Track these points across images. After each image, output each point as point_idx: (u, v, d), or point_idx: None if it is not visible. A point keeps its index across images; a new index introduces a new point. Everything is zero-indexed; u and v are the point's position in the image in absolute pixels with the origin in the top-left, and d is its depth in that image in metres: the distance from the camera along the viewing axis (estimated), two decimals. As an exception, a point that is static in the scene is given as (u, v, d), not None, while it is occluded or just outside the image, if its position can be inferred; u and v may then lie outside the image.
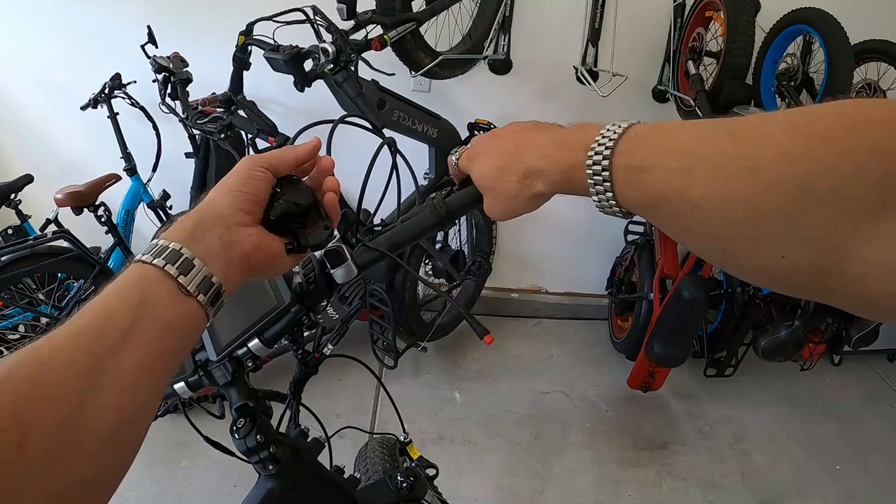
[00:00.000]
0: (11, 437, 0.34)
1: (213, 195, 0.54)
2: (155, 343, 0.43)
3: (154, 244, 0.48)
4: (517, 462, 2.25)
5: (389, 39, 1.87)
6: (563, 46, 2.42)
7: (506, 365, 2.77)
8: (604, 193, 0.48)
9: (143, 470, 2.07)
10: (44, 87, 2.78)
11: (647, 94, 2.48)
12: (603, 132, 0.48)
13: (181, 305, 0.46)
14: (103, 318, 0.42)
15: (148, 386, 0.43)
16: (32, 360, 0.38)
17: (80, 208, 2.18)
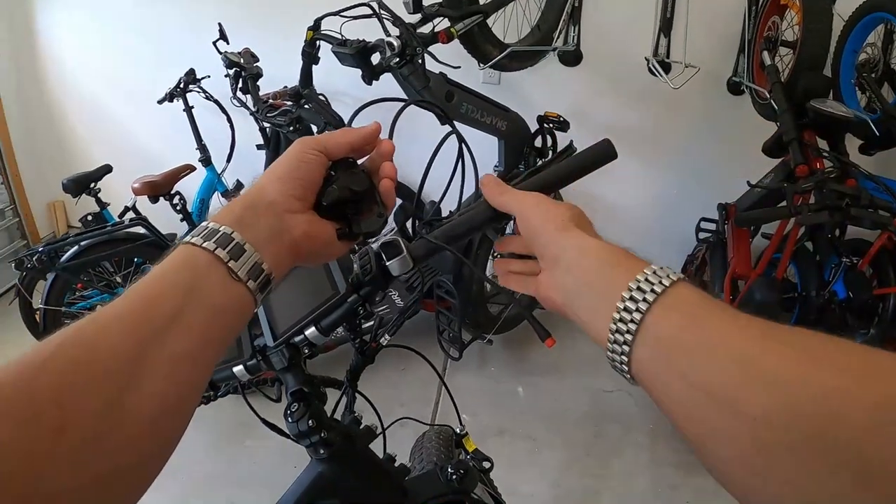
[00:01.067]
0: (52, 420, 0.34)
1: (264, 181, 0.54)
2: (203, 328, 0.44)
3: (204, 227, 0.48)
4: (575, 460, 2.28)
5: (456, 32, 1.93)
6: (634, 37, 2.43)
7: (571, 361, 2.78)
8: (620, 354, 0.46)
9: (208, 447, 2.22)
10: (122, 83, 3.00)
11: (722, 85, 2.46)
12: (633, 289, 0.45)
13: (231, 291, 0.46)
14: (152, 301, 0.42)
15: (194, 372, 0.43)
16: (77, 342, 0.38)
17: (156, 197, 2.36)
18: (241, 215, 0.50)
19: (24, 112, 3.25)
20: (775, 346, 0.39)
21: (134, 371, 0.38)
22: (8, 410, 0.33)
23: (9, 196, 3.25)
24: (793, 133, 1.85)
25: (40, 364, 0.36)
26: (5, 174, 3.22)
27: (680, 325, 0.42)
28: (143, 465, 0.39)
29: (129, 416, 0.37)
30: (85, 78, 3.14)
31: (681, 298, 0.44)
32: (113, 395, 0.37)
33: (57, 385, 0.35)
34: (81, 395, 0.35)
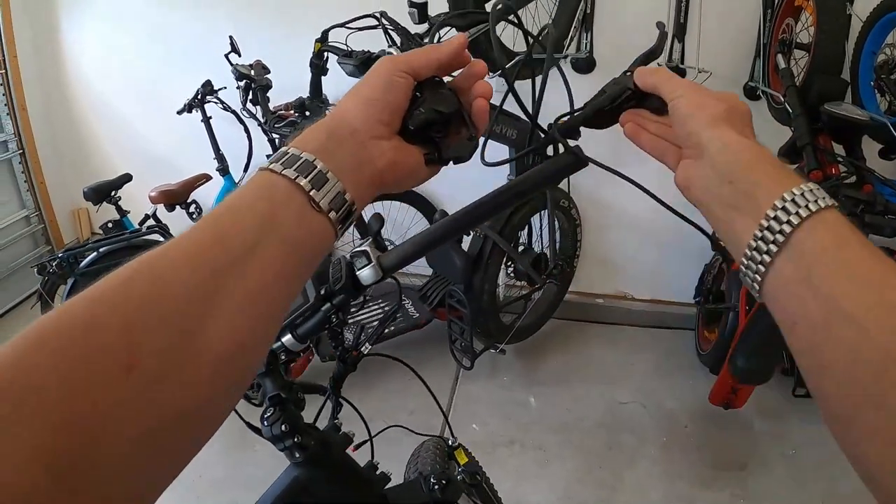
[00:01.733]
0: (121, 357, 0.33)
1: (348, 104, 0.52)
2: (280, 262, 0.42)
3: (284, 153, 0.46)
4: (586, 472, 2.28)
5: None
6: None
7: (585, 371, 2.80)
8: (759, 262, 0.45)
9: (218, 451, 2.28)
10: (143, 94, 3.12)
11: (739, 90, 2.44)
12: (796, 194, 0.44)
13: (311, 222, 0.45)
14: (225, 233, 0.41)
15: (269, 309, 0.42)
16: (149, 276, 0.37)
17: (173, 205, 2.44)
18: (324, 141, 0.48)
19: (49, 121, 3.39)
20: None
21: (206, 308, 0.37)
22: (74, 345, 0.32)
23: (34, 203, 3.39)
24: (806, 138, 1.85)
25: (109, 300, 0.35)
26: (30, 181, 3.36)
27: (825, 246, 0.42)
28: (211, 407, 0.39)
29: (201, 354, 0.37)
30: (107, 89, 3.26)
31: (829, 220, 0.43)
32: (184, 333, 0.36)
33: (126, 322, 0.34)
34: (152, 332, 0.35)
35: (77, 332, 0.33)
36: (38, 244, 3.46)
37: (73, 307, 0.34)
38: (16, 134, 3.28)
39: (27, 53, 3.24)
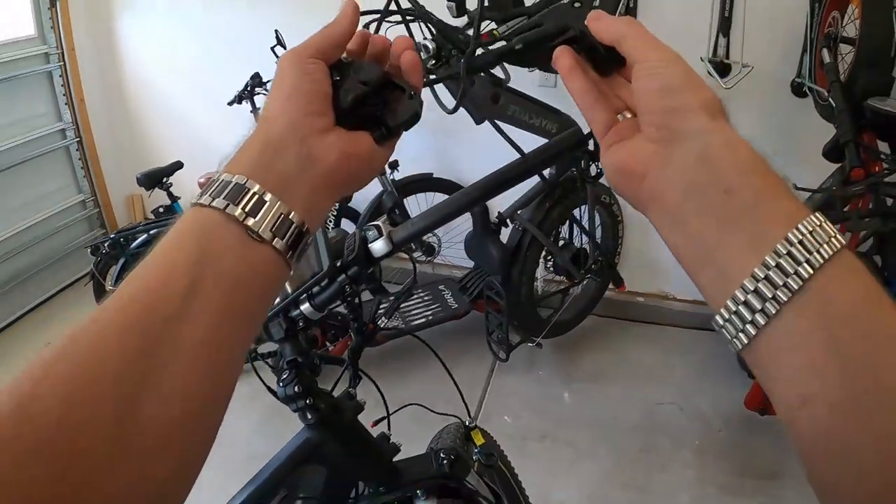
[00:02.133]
0: (60, 453, 0.31)
1: (271, 109, 0.47)
2: (222, 304, 0.39)
3: (214, 180, 0.43)
4: (617, 472, 2.36)
5: (499, 34, 2.08)
6: (693, 37, 2.50)
7: (623, 370, 2.87)
8: (754, 314, 0.36)
9: (255, 426, 2.44)
10: (195, 85, 3.36)
11: (786, 87, 2.48)
12: (815, 227, 0.36)
13: (252, 255, 0.41)
14: (157, 282, 0.38)
15: (219, 359, 0.39)
16: (78, 348, 0.34)
17: (221, 192, 2.63)
18: (257, 157, 0.44)
19: (105, 111, 3.67)
20: None
21: (146, 370, 0.35)
22: (4, 448, 0.30)
23: (89, 188, 3.67)
24: (849, 134, 1.89)
25: (30, 390, 0.32)
26: (87, 168, 3.64)
27: (854, 298, 0.35)
28: (175, 477, 0.36)
29: (148, 424, 0.34)
30: (160, 80, 3.52)
31: (851, 264, 0.36)
32: (125, 404, 0.33)
33: (58, 404, 0.32)
34: (87, 411, 0.32)
35: (6, 429, 0.31)
36: (92, 228, 3.75)
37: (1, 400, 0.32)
38: (74, 123, 3.57)
39: (84, 46, 3.52)
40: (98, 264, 2.89)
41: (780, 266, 0.35)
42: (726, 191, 0.38)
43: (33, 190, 3.43)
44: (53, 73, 3.46)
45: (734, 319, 0.37)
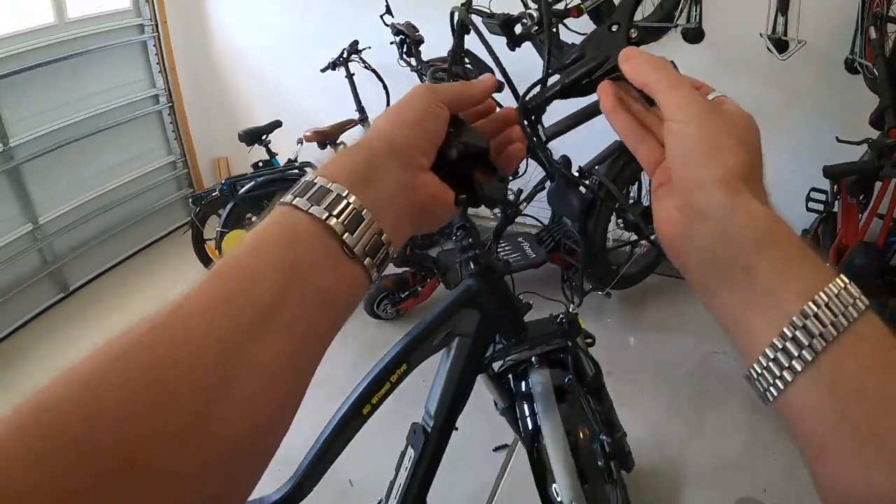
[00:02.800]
0: (117, 453, 0.30)
1: (385, 126, 0.50)
2: (305, 320, 0.40)
3: (311, 182, 0.44)
4: (674, 408, 2.80)
5: (585, 8, 2.56)
6: (754, 15, 2.93)
7: (682, 323, 3.27)
8: (781, 373, 0.40)
9: (351, 363, 2.87)
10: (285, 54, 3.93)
11: (840, 64, 2.90)
12: (840, 288, 0.39)
13: (342, 270, 0.42)
14: (243, 288, 0.38)
15: (293, 376, 0.39)
16: (151, 343, 0.34)
17: (324, 144, 3.14)
18: (364, 170, 0.45)
19: (196, 78, 4.25)
20: None
21: (220, 382, 0.35)
22: (58, 443, 0.30)
23: (179, 150, 4.23)
24: (888, 100, 2.33)
25: (101, 375, 0.32)
26: (177, 131, 4.20)
27: (865, 369, 0.38)
28: (232, 493, 0.37)
29: (214, 439, 0.34)
30: (249, 49, 4.08)
31: (868, 332, 0.39)
32: (193, 416, 0.33)
33: (123, 404, 0.32)
34: (156, 418, 0.32)
35: (69, 426, 0.30)
36: (181, 187, 4.34)
37: (63, 389, 0.32)
38: (166, 89, 4.14)
39: (175, 17, 4.09)
40: (198, 214, 3.42)
41: (797, 338, 0.38)
42: (746, 269, 0.42)
43: (129, 150, 4.02)
44: (147, 42, 4.04)
45: (759, 381, 0.41)
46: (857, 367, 0.38)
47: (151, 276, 4.00)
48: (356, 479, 2.49)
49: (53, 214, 3.70)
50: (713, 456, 2.59)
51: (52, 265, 3.72)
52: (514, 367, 1.77)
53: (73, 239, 3.84)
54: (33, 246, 3.62)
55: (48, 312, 3.75)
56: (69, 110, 3.69)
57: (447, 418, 1.48)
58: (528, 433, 1.75)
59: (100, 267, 3.98)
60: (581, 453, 1.66)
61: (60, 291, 3.82)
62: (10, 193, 3.48)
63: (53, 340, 3.50)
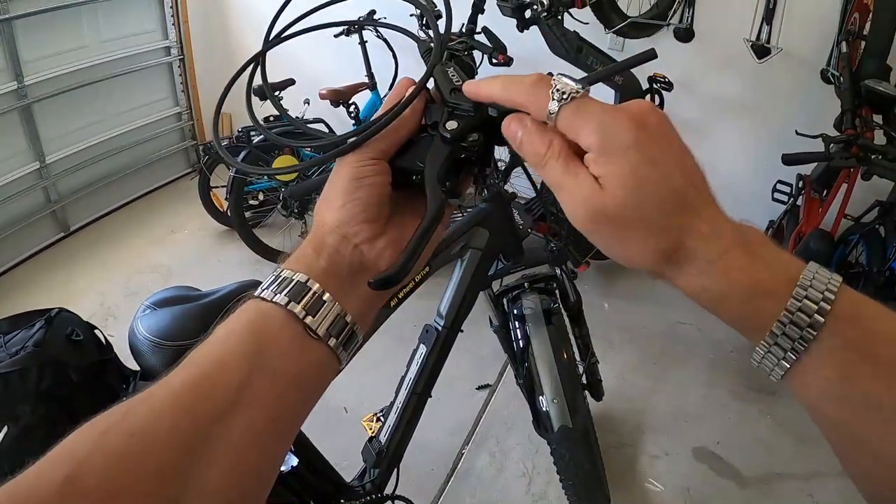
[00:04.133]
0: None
1: (324, 214, 0.55)
2: (274, 402, 0.44)
3: (276, 276, 0.49)
4: (641, 364, 3.32)
5: (588, 1, 3.07)
6: (743, 21, 3.42)
7: (653, 293, 3.79)
8: (787, 352, 0.43)
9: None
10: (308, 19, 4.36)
11: (816, 74, 3.40)
12: (815, 273, 0.44)
13: (308, 353, 0.47)
14: (212, 372, 0.43)
15: (264, 455, 0.44)
16: (125, 429, 0.39)
17: (338, 103, 3.60)
18: (314, 259, 0.51)
19: (207, 33, 4.70)
20: None
21: (192, 462, 0.39)
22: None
23: (186, 102, 4.65)
24: (847, 105, 2.86)
25: (83, 459, 0.37)
26: (185, 84, 4.63)
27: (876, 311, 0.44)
28: None
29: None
30: (264, 9, 4.49)
31: (858, 295, 0.44)
32: (170, 493, 0.38)
33: (102, 483, 0.36)
34: (131, 494, 0.37)
35: (44, 496, 0.35)
36: (185, 138, 4.78)
37: (45, 470, 0.37)
38: (178, 42, 4.55)
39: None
40: (206, 162, 3.87)
41: (796, 320, 0.43)
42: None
43: (137, 98, 4.44)
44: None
45: (772, 355, 0.45)
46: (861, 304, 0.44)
47: (150, 221, 4.42)
48: (350, 406, 2.92)
49: (60, 155, 4.07)
50: (673, 408, 3.10)
51: (54, 204, 4.10)
52: (509, 291, 2.25)
53: (77, 180, 4.23)
54: (38, 184, 3.99)
55: (49, 250, 4.14)
56: (84, 54, 4.07)
57: (455, 319, 1.90)
58: (519, 350, 2.22)
59: (100, 210, 4.40)
60: (564, 367, 2.11)
61: (61, 231, 4.21)
62: (20, 131, 3.83)
63: (53, 275, 3.88)
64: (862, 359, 0.42)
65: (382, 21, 3.56)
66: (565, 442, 2.02)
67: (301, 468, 1.77)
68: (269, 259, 3.85)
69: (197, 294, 1.83)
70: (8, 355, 1.35)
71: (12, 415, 1.29)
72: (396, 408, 1.87)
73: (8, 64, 3.66)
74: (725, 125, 3.79)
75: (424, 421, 1.91)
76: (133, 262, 4.03)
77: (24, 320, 1.50)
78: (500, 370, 3.23)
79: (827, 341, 0.42)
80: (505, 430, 2.93)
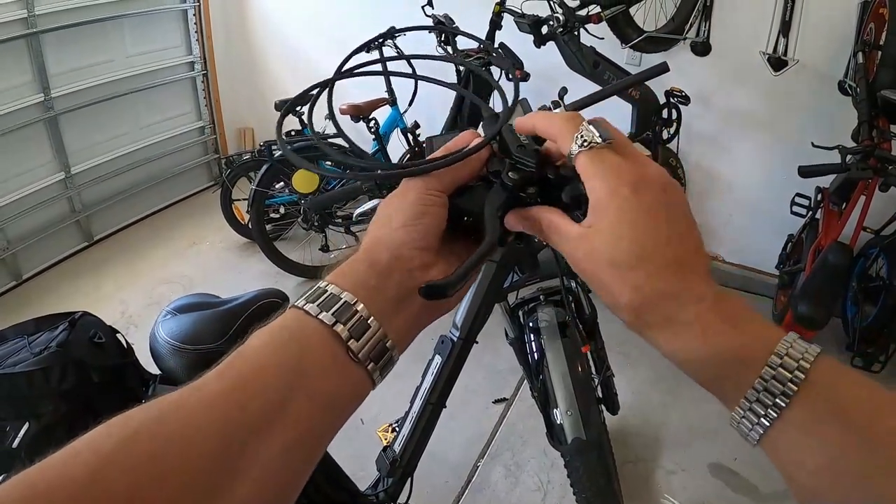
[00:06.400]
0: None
1: (382, 233, 0.54)
2: (309, 420, 0.44)
3: (321, 290, 0.49)
4: (658, 379, 3.30)
5: (604, 16, 3.09)
6: (759, 34, 3.43)
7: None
8: (761, 417, 0.46)
9: None
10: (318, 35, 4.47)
11: (833, 86, 3.39)
12: (792, 343, 0.45)
13: (346, 375, 0.47)
14: (249, 386, 0.43)
15: (294, 473, 0.44)
16: (157, 432, 0.38)
17: (358, 118, 3.64)
18: (364, 277, 0.50)
19: (230, 49, 4.79)
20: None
21: (223, 474, 0.39)
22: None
23: (209, 117, 4.73)
24: (864, 116, 2.84)
25: (109, 455, 0.36)
26: (209, 98, 4.70)
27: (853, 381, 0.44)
28: None
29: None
30: (285, 28, 4.62)
31: (834, 365, 0.45)
32: (199, 501, 0.38)
33: (129, 488, 0.36)
34: (161, 500, 0.36)
35: (72, 490, 0.34)
36: (207, 152, 4.85)
37: (70, 461, 0.36)
38: (202, 58, 4.63)
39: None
40: (229, 175, 3.92)
41: (778, 376, 0.44)
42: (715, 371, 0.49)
43: (161, 112, 4.53)
44: (188, 11, 4.52)
45: (749, 414, 0.47)
46: (849, 379, 0.45)
47: (172, 233, 4.49)
48: (367, 418, 2.95)
49: (85, 166, 4.16)
50: (689, 423, 3.08)
51: (79, 214, 4.19)
52: (525, 303, 2.26)
53: (101, 191, 4.32)
54: (63, 194, 4.08)
55: (73, 258, 4.22)
56: (109, 68, 4.17)
57: (471, 330, 1.91)
58: (534, 362, 2.23)
59: (124, 220, 4.48)
60: (578, 380, 2.11)
61: (85, 240, 4.29)
62: (46, 142, 3.93)
63: (76, 283, 3.96)
64: (833, 424, 0.43)
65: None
66: (579, 454, 2.02)
67: (316, 476, 1.78)
68: (288, 271, 3.89)
69: (217, 300, 1.87)
70: (32, 355, 1.39)
71: (35, 412, 1.33)
72: (411, 418, 1.89)
73: (35, 76, 3.75)
74: (743, 138, 3.78)
75: (440, 433, 1.92)
76: (155, 272, 4.09)
77: (48, 322, 1.54)
78: (516, 384, 3.23)
79: (800, 408, 0.44)
80: (520, 444, 2.94)
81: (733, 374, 0.47)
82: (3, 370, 1.35)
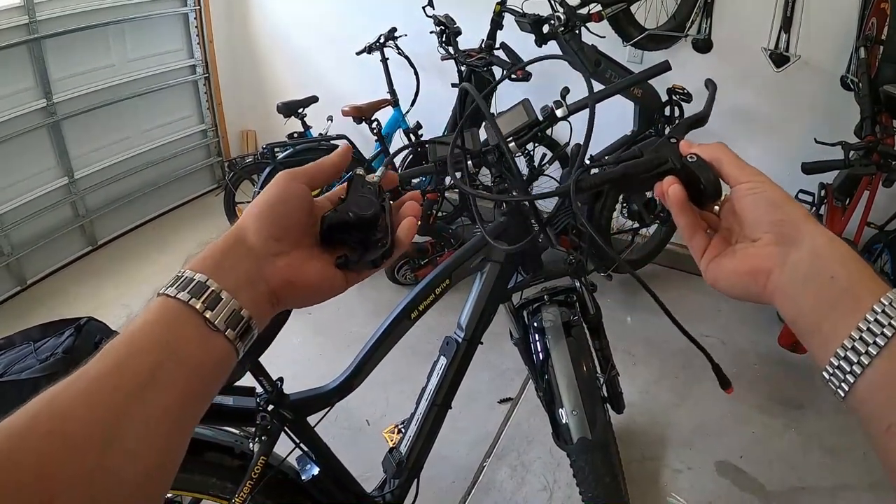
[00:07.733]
0: (39, 495, 0.40)
1: (245, 219, 0.61)
2: (181, 385, 0.51)
3: (179, 276, 0.55)
4: (663, 378, 3.29)
5: (605, 15, 3.09)
6: (760, 30, 3.44)
7: (676, 307, 3.63)
8: (860, 355, 0.52)
9: (368, 313, 3.37)
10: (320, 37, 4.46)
11: (836, 81, 3.39)
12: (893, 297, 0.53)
13: (209, 342, 0.53)
14: (125, 360, 0.49)
15: (175, 431, 0.51)
16: (51, 413, 0.45)
17: (360, 119, 3.65)
18: (220, 260, 0.57)
19: (232, 53, 4.79)
20: None
21: (112, 434, 0.45)
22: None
23: (211, 120, 4.73)
24: (867, 112, 2.84)
25: (18, 433, 0.43)
26: (211, 102, 4.70)
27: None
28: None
29: (114, 478, 0.45)
30: (286, 30, 4.61)
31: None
32: (94, 461, 0.44)
33: (37, 457, 0.42)
34: (64, 465, 0.42)
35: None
36: (210, 155, 4.86)
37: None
38: (203, 61, 4.64)
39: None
40: (232, 178, 3.93)
41: (871, 329, 0.51)
42: (832, 277, 0.57)
43: (164, 116, 4.54)
44: (189, 15, 4.53)
45: (836, 372, 0.54)
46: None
47: (174, 236, 4.51)
48: (373, 419, 2.93)
49: (88, 171, 4.17)
50: (695, 422, 3.06)
51: (82, 219, 4.20)
52: (529, 303, 2.26)
53: (104, 196, 4.33)
54: (67, 199, 4.09)
55: (77, 263, 4.24)
56: (111, 73, 4.18)
57: (475, 331, 1.92)
58: (539, 362, 2.22)
59: (127, 224, 4.50)
60: (583, 380, 2.11)
61: (89, 244, 4.31)
62: (49, 147, 3.94)
63: (80, 288, 3.98)
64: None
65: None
66: (584, 454, 2.02)
67: (322, 477, 1.78)
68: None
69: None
70: (38, 361, 1.40)
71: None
72: (417, 419, 1.89)
73: (37, 82, 3.76)
74: (745, 135, 3.77)
75: (446, 434, 1.92)
76: (158, 276, 4.07)
77: (53, 328, 1.54)
78: (521, 384, 3.22)
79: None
80: (526, 444, 2.93)
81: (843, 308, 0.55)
82: (9, 377, 1.35)
